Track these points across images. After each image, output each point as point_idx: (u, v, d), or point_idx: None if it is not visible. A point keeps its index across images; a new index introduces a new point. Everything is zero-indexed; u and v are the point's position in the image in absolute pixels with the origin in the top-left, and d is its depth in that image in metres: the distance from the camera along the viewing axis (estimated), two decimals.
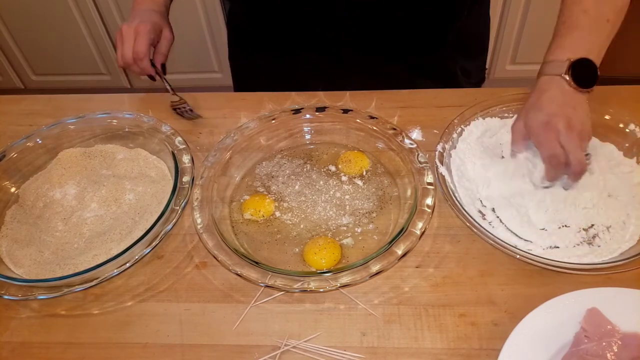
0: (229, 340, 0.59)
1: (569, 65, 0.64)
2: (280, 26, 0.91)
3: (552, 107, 0.64)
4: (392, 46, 0.90)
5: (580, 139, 0.63)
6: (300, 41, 0.92)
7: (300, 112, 0.80)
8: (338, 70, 0.93)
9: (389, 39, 0.89)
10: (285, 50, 0.94)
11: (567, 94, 0.64)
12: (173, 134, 0.78)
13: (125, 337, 0.60)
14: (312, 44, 0.91)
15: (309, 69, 0.94)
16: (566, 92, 0.64)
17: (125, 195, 0.73)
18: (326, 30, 0.88)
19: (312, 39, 0.90)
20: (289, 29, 0.91)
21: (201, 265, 0.66)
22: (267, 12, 0.90)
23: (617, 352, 0.52)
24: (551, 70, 0.66)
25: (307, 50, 0.92)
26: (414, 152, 0.71)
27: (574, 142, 0.62)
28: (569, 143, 0.62)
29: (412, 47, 0.90)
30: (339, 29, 0.87)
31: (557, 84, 0.65)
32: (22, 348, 0.60)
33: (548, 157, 0.64)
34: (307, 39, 0.91)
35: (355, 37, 0.88)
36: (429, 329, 0.58)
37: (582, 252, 0.62)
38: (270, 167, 0.77)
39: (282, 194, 0.73)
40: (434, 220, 0.68)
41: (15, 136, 0.81)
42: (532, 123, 0.65)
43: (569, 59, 0.64)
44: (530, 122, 0.65)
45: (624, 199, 0.67)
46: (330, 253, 0.64)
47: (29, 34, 2.01)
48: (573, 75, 0.64)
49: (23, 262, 0.67)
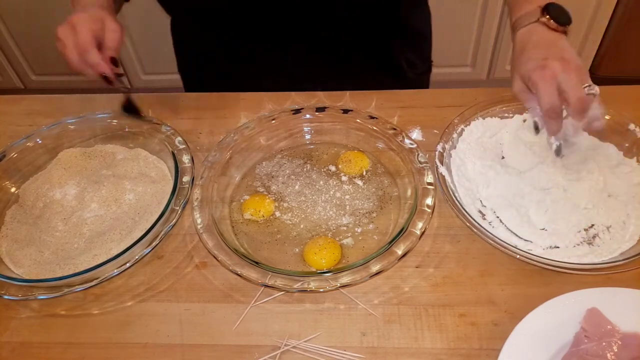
0: (229, 340, 0.59)
1: (542, 9, 0.65)
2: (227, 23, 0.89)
3: (540, 52, 0.63)
4: (340, 37, 0.90)
5: (578, 74, 0.61)
6: (251, 37, 0.89)
7: (300, 112, 0.80)
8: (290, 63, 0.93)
9: (337, 28, 0.88)
10: (235, 46, 0.92)
11: (550, 36, 0.65)
12: (173, 134, 0.78)
13: (125, 337, 0.60)
14: (264, 38, 0.89)
15: (260, 66, 0.94)
16: (548, 35, 0.65)
17: (125, 195, 0.73)
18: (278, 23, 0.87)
19: (260, 32, 0.88)
20: (239, 25, 0.88)
21: (201, 265, 0.66)
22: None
23: (617, 352, 0.52)
24: (526, 21, 0.66)
25: (257, 44, 0.91)
26: (414, 152, 0.71)
27: (572, 79, 0.60)
28: (568, 81, 0.60)
29: (359, 36, 0.90)
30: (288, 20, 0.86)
31: (536, 30, 0.65)
32: (22, 348, 0.60)
33: (547, 111, 0.61)
34: (257, 34, 0.89)
35: (307, 27, 0.87)
36: (429, 329, 0.58)
37: (582, 252, 0.62)
38: (270, 167, 0.77)
39: (282, 194, 0.73)
40: (434, 220, 0.68)
41: (15, 136, 0.81)
42: (527, 73, 0.63)
43: (539, 5, 0.65)
44: (525, 73, 0.64)
45: (624, 199, 0.67)
46: (330, 253, 0.64)
47: (29, 34, 2.01)
48: (550, 16, 0.64)
49: (23, 262, 0.67)
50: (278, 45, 0.90)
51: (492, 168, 0.72)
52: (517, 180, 0.70)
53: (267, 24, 0.87)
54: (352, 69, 0.94)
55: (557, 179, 0.68)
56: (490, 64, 2.07)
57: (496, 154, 0.75)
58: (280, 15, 0.85)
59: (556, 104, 0.60)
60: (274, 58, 0.92)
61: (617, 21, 1.85)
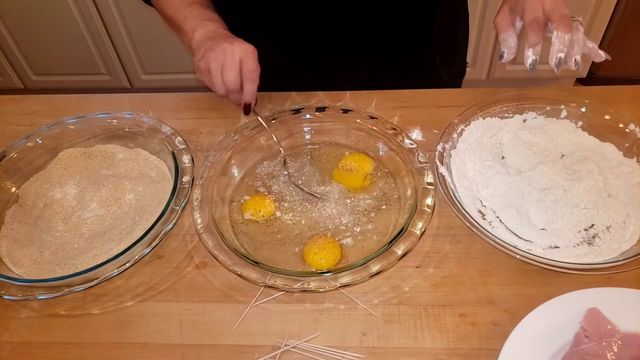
0: (229, 340, 0.59)
1: None
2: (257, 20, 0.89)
3: None
4: (374, 48, 0.90)
5: (564, 5, 0.65)
6: (285, 39, 0.90)
7: (300, 112, 0.80)
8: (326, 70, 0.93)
9: (371, 39, 0.89)
10: (269, 46, 0.92)
11: None
12: (173, 134, 0.78)
13: (125, 337, 0.60)
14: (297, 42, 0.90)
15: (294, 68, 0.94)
16: None
17: (126, 195, 0.74)
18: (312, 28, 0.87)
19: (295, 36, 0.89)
20: (268, 21, 0.88)
21: (201, 265, 0.66)
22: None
23: (617, 352, 0.52)
24: None
25: (297, 47, 0.91)
26: (414, 152, 0.71)
27: (559, 2, 0.64)
28: (554, 3, 0.64)
29: (393, 48, 0.91)
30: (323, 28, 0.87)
31: None
32: (22, 348, 0.60)
33: (530, 22, 0.65)
34: (291, 36, 0.89)
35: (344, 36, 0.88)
36: (429, 329, 0.58)
37: (582, 252, 0.62)
38: (272, 167, 0.77)
39: (282, 193, 0.73)
40: (434, 220, 0.68)
41: (15, 136, 0.81)
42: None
43: None
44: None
45: (624, 199, 0.67)
46: (330, 253, 0.64)
47: (29, 34, 2.01)
48: None
49: (23, 262, 0.67)
50: (318, 53, 0.91)
51: (492, 168, 0.72)
52: (517, 180, 0.70)
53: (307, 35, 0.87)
54: (386, 73, 0.94)
55: (557, 179, 0.68)
56: (490, 64, 2.07)
57: (496, 154, 0.75)
58: (321, 25, 0.86)
59: (539, 17, 0.65)
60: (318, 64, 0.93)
61: (617, 21, 1.85)
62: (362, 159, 0.76)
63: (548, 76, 2.11)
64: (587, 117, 0.76)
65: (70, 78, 2.16)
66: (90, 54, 2.04)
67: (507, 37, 0.69)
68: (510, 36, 0.68)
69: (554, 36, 0.65)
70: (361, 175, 0.74)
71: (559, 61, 0.66)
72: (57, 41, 2.01)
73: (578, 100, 0.76)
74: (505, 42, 0.69)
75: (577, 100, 0.76)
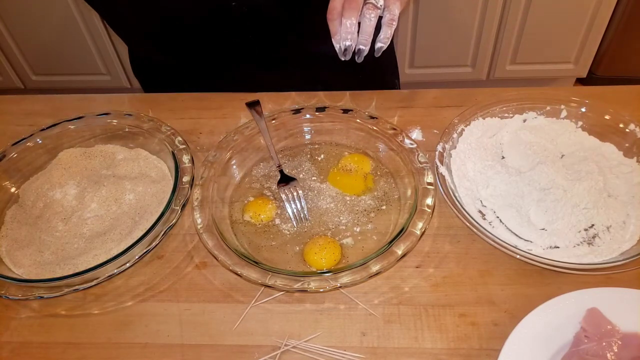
0: (229, 340, 0.59)
1: None
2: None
3: None
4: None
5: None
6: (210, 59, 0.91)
7: (300, 112, 0.80)
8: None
9: None
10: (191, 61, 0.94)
11: None
12: (173, 134, 0.78)
13: (125, 337, 0.60)
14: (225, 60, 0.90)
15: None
16: None
17: (126, 195, 0.74)
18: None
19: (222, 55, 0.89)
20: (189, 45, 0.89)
21: (201, 265, 0.66)
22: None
23: (617, 352, 0.52)
24: None
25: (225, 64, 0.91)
26: (414, 152, 0.71)
27: None
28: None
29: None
30: None
31: None
32: (22, 348, 0.60)
33: (327, 12, 0.62)
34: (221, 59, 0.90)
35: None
36: (429, 329, 0.58)
37: (582, 252, 0.62)
38: (267, 168, 0.77)
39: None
40: (434, 220, 0.68)
41: (15, 136, 0.81)
42: None
43: None
44: None
45: (624, 199, 0.67)
46: (331, 253, 0.64)
47: (29, 34, 2.01)
48: None
49: (23, 262, 0.67)
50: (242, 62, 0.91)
51: (492, 168, 0.72)
52: (517, 180, 0.70)
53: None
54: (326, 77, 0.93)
55: (557, 179, 0.68)
56: (490, 64, 2.07)
57: (496, 154, 0.75)
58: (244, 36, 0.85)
59: (333, 6, 0.62)
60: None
61: (617, 21, 1.85)
62: (360, 159, 0.76)
63: (548, 76, 2.11)
64: (587, 117, 0.76)
65: (70, 78, 2.16)
66: (90, 54, 2.04)
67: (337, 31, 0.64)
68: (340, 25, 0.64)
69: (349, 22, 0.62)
70: (360, 177, 0.74)
71: (340, 50, 0.64)
72: (57, 41, 2.01)
73: (578, 100, 0.76)
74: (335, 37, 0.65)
75: (577, 100, 0.76)
